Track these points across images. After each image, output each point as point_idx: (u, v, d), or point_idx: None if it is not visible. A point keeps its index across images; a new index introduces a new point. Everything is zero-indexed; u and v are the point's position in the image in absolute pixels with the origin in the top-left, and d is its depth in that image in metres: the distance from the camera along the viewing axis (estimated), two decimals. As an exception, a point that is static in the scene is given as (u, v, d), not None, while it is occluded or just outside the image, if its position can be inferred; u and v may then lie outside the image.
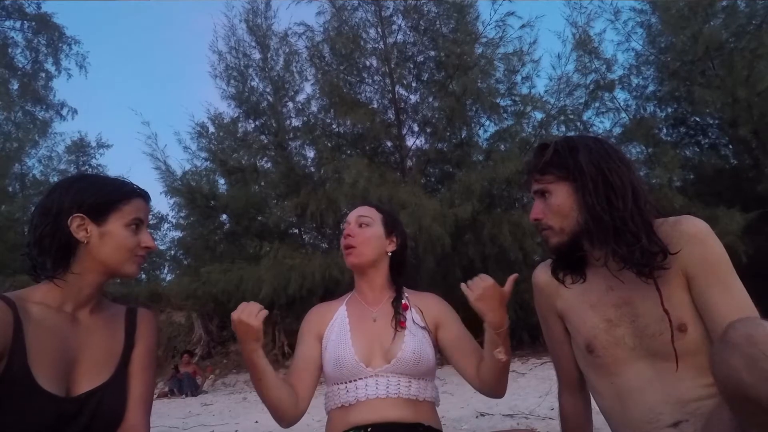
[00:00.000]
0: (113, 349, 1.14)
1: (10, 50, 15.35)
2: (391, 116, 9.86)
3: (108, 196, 1.11)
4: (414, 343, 1.36)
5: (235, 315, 1.18)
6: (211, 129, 11.31)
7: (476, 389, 1.38)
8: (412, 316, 1.42)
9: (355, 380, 1.33)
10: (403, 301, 1.44)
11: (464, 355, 1.38)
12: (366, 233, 1.45)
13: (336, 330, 1.40)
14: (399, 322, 1.38)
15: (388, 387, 1.32)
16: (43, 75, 16.10)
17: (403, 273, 1.53)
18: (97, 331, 1.12)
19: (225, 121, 10.90)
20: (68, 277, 1.07)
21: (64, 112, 16.42)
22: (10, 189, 14.97)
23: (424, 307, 1.45)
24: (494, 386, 1.33)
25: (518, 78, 9.66)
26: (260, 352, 1.22)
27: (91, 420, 1.04)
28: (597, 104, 9.64)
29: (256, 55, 10.62)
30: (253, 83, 10.64)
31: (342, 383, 1.35)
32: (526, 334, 8.55)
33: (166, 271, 17.59)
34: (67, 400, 1.02)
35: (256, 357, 1.22)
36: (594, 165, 1.12)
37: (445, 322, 1.43)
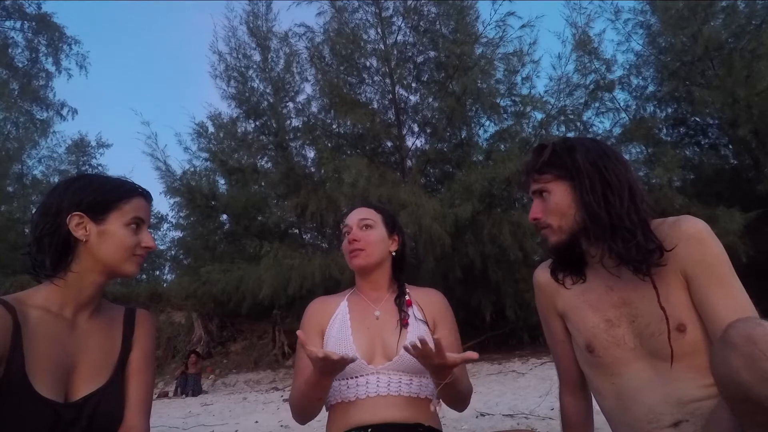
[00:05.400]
0: (111, 351, 1.13)
1: (10, 50, 15.36)
2: (391, 116, 9.87)
3: (107, 194, 1.10)
4: (416, 339, 1.36)
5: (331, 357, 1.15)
6: (211, 129, 11.34)
7: None
8: (413, 312, 1.42)
9: (356, 377, 1.34)
10: (406, 298, 1.45)
11: None
12: (371, 236, 1.45)
13: (337, 326, 1.40)
14: (403, 320, 1.39)
15: (389, 385, 1.32)
16: (43, 75, 16.13)
17: (404, 269, 1.53)
18: (95, 335, 1.11)
19: (225, 122, 10.91)
20: (68, 276, 1.07)
21: (64, 112, 16.47)
22: (10, 189, 14.98)
23: (425, 304, 1.45)
24: (451, 405, 1.38)
25: (518, 78, 9.69)
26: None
27: (89, 424, 1.03)
28: (597, 104, 9.67)
29: (257, 56, 10.66)
30: (253, 84, 10.67)
31: (343, 379, 1.35)
32: (526, 334, 8.56)
33: (166, 271, 17.62)
34: (66, 406, 1.01)
35: (330, 382, 1.27)
36: (591, 163, 1.13)
37: (439, 324, 1.44)
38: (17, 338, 0.98)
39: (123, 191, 1.12)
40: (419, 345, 1.10)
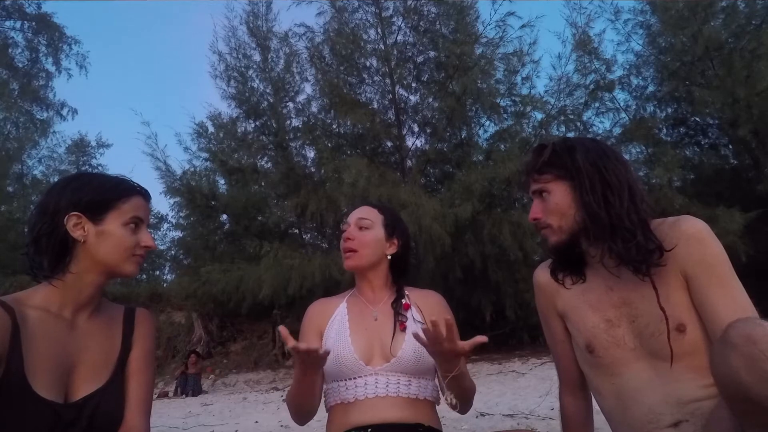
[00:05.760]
0: (111, 351, 1.12)
1: (10, 50, 15.37)
2: (391, 116, 9.87)
3: (105, 194, 1.08)
4: (414, 342, 1.35)
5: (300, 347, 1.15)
6: (211, 129, 11.34)
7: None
8: (412, 314, 1.42)
9: (354, 378, 1.33)
10: (404, 301, 1.43)
11: None
12: (365, 237, 1.44)
13: (336, 327, 1.40)
14: (400, 324, 1.38)
15: (387, 386, 1.32)
16: (43, 75, 16.14)
17: (406, 273, 1.51)
18: (95, 335, 1.11)
19: (225, 122, 10.91)
20: (67, 277, 1.06)
21: (64, 112, 16.48)
22: (10, 189, 14.99)
23: (424, 306, 1.44)
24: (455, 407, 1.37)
25: (518, 78, 9.69)
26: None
27: (89, 424, 1.03)
28: (597, 104, 9.66)
29: (257, 56, 10.66)
30: (253, 84, 10.67)
31: (341, 380, 1.35)
32: (526, 334, 8.56)
33: (166, 271, 17.62)
34: (65, 406, 1.00)
35: (318, 377, 1.30)
36: (591, 163, 1.13)
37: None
38: (16, 339, 0.97)
39: (121, 190, 1.11)
40: (431, 328, 1.08)
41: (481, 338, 1.10)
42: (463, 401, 1.36)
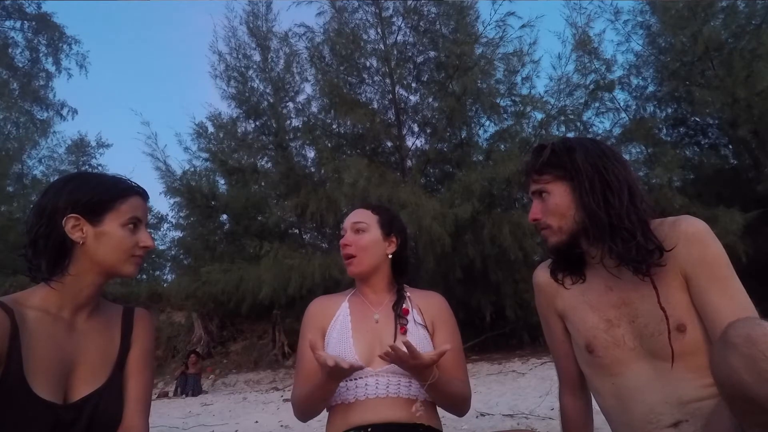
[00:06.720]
0: (109, 351, 1.12)
1: (10, 50, 15.37)
2: (391, 116, 9.86)
3: (103, 194, 1.07)
4: (415, 344, 1.35)
5: (342, 365, 1.18)
6: (211, 129, 11.35)
7: None
8: (413, 316, 1.42)
9: (355, 379, 1.34)
10: (404, 306, 1.43)
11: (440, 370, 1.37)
12: (363, 240, 1.44)
13: (338, 328, 1.41)
14: (400, 328, 1.38)
15: (388, 387, 1.32)
16: (43, 75, 16.14)
17: (406, 271, 1.52)
18: (94, 335, 1.10)
19: (225, 122, 10.92)
20: (65, 279, 1.05)
21: (64, 112, 16.48)
22: (10, 189, 14.98)
23: (424, 307, 1.44)
24: (446, 409, 1.39)
25: (518, 78, 9.67)
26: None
27: (89, 425, 1.03)
28: (597, 104, 9.64)
29: (257, 56, 10.66)
30: (253, 84, 10.67)
31: (342, 381, 1.35)
32: (526, 334, 8.56)
33: (166, 271, 17.62)
34: (65, 407, 1.00)
35: (336, 386, 1.30)
36: (590, 164, 1.13)
37: (438, 328, 1.42)
38: (15, 340, 0.97)
39: (119, 190, 1.10)
40: (390, 350, 1.14)
41: (445, 347, 1.18)
42: (452, 406, 1.38)
